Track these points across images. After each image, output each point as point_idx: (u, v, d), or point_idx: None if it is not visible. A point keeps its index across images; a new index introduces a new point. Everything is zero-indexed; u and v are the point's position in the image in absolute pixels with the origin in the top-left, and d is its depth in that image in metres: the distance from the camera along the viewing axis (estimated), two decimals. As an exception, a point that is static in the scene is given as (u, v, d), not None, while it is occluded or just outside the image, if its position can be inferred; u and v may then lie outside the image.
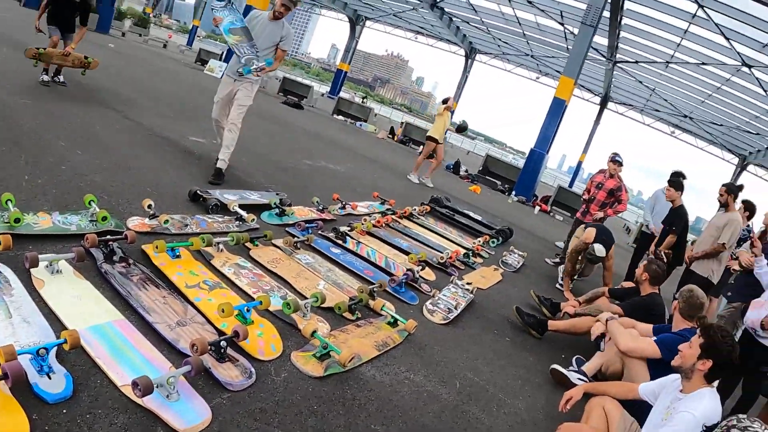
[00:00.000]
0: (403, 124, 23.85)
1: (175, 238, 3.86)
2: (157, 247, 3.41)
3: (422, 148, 12.52)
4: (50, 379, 2.10)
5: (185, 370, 2.31)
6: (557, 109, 16.00)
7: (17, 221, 3.12)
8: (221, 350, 2.62)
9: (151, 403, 2.17)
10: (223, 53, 24.17)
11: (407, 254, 5.50)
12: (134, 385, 2.11)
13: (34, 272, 2.77)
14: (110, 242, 3.22)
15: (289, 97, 21.61)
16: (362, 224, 5.76)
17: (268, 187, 6.21)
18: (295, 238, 4.61)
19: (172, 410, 2.19)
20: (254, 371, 2.67)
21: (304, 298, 3.61)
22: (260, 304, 3.14)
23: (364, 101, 34.73)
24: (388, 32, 38.69)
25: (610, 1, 16.23)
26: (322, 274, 4.29)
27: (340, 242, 5.17)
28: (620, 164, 7.94)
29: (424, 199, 8.88)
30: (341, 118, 22.43)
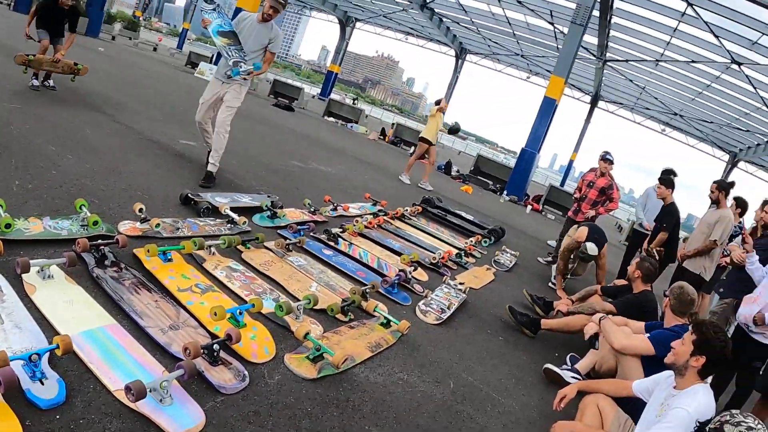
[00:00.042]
0: (394, 125, 23.91)
1: (166, 241, 3.85)
2: (148, 251, 3.40)
3: (414, 149, 12.54)
4: (43, 384, 2.09)
5: (178, 374, 2.31)
6: (548, 108, 16.07)
7: (8, 227, 3.11)
8: (214, 353, 2.62)
9: (144, 407, 2.17)
10: (213, 56, 24.06)
11: (399, 255, 5.52)
12: (127, 389, 2.11)
13: (25, 278, 2.76)
14: (102, 247, 3.21)
15: (279, 99, 21.58)
16: (354, 225, 5.76)
17: (259, 189, 6.20)
18: (287, 240, 4.60)
19: (165, 414, 2.19)
20: (247, 374, 2.66)
21: (296, 300, 3.60)
22: (253, 306, 3.14)
23: (354, 103, 34.81)
24: (378, 33, 38.81)
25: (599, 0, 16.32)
26: (314, 276, 4.29)
27: (332, 244, 5.17)
28: (611, 162, 7.96)
29: (415, 199, 8.89)
30: (332, 119, 22.42)
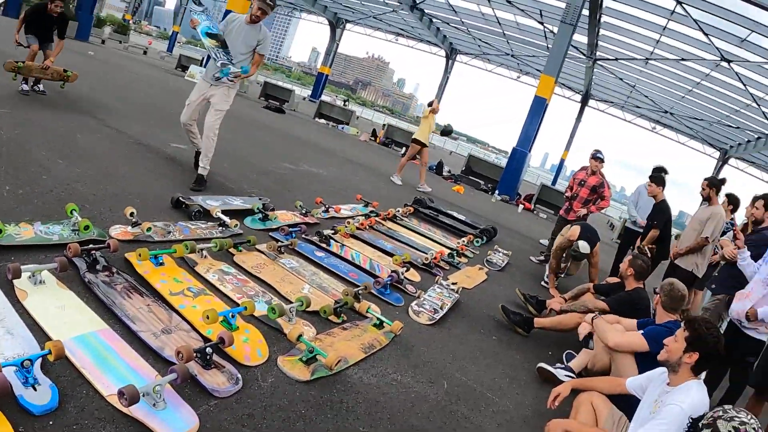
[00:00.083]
0: (385, 126, 23.92)
1: (158, 245, 3.84)
2: (140, 255, 3.39)
3: (405, 150, 12.55)
4: (36, 390, 2.09)
5: (171, 377, 2.30)
6: (538, 107, 16.11)
7: (-2, 232, 3.10)
8: (207, 357, 2.62)
9: (137, 412, 2.16)
10: (203, 59, 24.01)
11: (392, 256, 5.52)
12: (120, 394, 2.11)
13: (16, 283, 2.75)
14: (93, 251, 3.20)
15: (270, 101, 21.58)
16: (346, 227, 5.77)
17: (250, 192, 6.20)
18: (278, 242, 4.61)
19: (159, 419, 2.18)
20: (241, 377, 2.66)
21: (289, 302, 3.60)
22: (245, 309, 3.14)
23: (345, 104, 34.77)
24: (368, 35, 38.86)
25: (588, -1, 16.41)
26: (306, 278, 4.29)
27: (324, 246, 5.17)
28: (602, 161, 7.99)
29: (407, 200, 8.89)
30: (323, 121, 22.41)
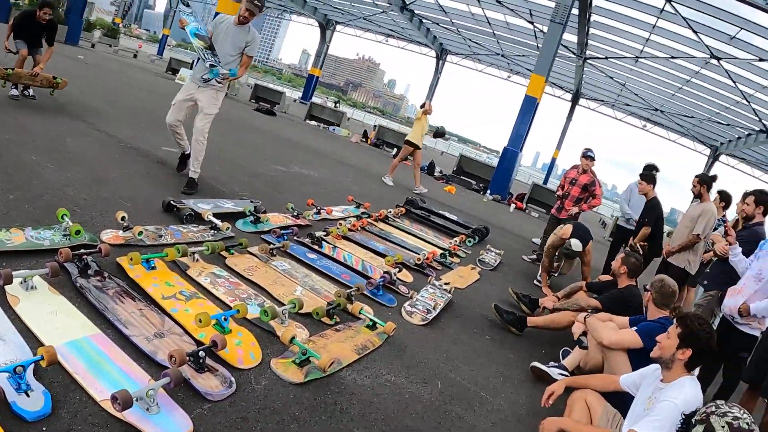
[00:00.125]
0: (376, 127, 23.92)
1: (149, 249, 3.83)
2: (131, 259, 3.38)
3: (396, 151, 12.56)
4: (28, 396, 2.08)
5: (164, 382, 2.30)
6: (529, 106, 16.15)
7: (-12, 239, 3.08)
8: (200, 360, 2.61)
9: (131, 416, 2.16)
10: (193, 62, 23.94)
11: (384, 257, 5.52)
12: (113, 399, 2.10)
13: (8, 289, 2.73)
14: (84, 256, 3.19)
15: (261, 104, 21.55)
16: (338, 228, 5.77)
17: (242, 194, 6.19)
18: (270, 245, 4.60)
19: (152, 423, 2.18)
20: (234, 380, 2.66)
21: (281, 304, 3.59)
22: (238, 312, 3.14)
23: (336, 106, 34.84)
24: (358, 36, 38.90)
25: (578, -2, 16.48)
26: (299, 280, 4.29)
27: (316, 247, 5.16)
28: (592, 159, 8.01)
29: (399, 201, 8.89)
30: (314, 123, 22.40)
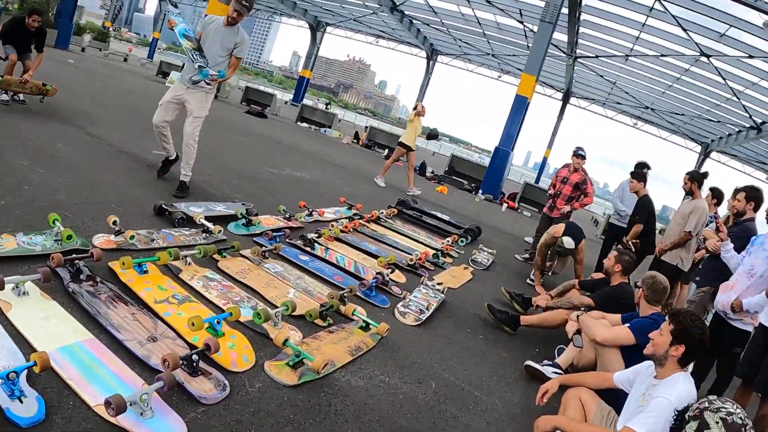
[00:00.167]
0: (367, 128, 23.96)
1: (141, 253, 3.82)
2: (123, 263, 3.37)
3: (388, 152, 12.57)
4: (22, 403, 2.07)
5: (158, 386, 2.29)
6: (520, 106, 16.16)
7: (-22, 245, 3.07)
8: (193, 364, 2.61)
9: (125, 421, 2.16)
10: (183, 65, 23.82)
11: (376, 258, 5.52)
12: (107, 404, 2.10)
13: (0, 295, 2.73)
14: (76, 261, 3.18)
15: (252, 106, 21.54)
16: (330, 230, 5.77)
17: (233, 197, 6.18)
18: (262, 247, 4.59)
19: (146, 427, 2.18)
20: (228, 383, 2.66)
21: (274, 307, 3.60)
22: (230, 315, 3.13)
23: (327, 107, 34.81)
24: (349, 37, 38.88)
25: (567, -3, 16.53)
26: (291, 282, 4.29)
27: (308, 249, 5.16)
28: (583, 158, 8.04)
29: (391, 202, 8.90)
30: (305, 125, 22.39)
